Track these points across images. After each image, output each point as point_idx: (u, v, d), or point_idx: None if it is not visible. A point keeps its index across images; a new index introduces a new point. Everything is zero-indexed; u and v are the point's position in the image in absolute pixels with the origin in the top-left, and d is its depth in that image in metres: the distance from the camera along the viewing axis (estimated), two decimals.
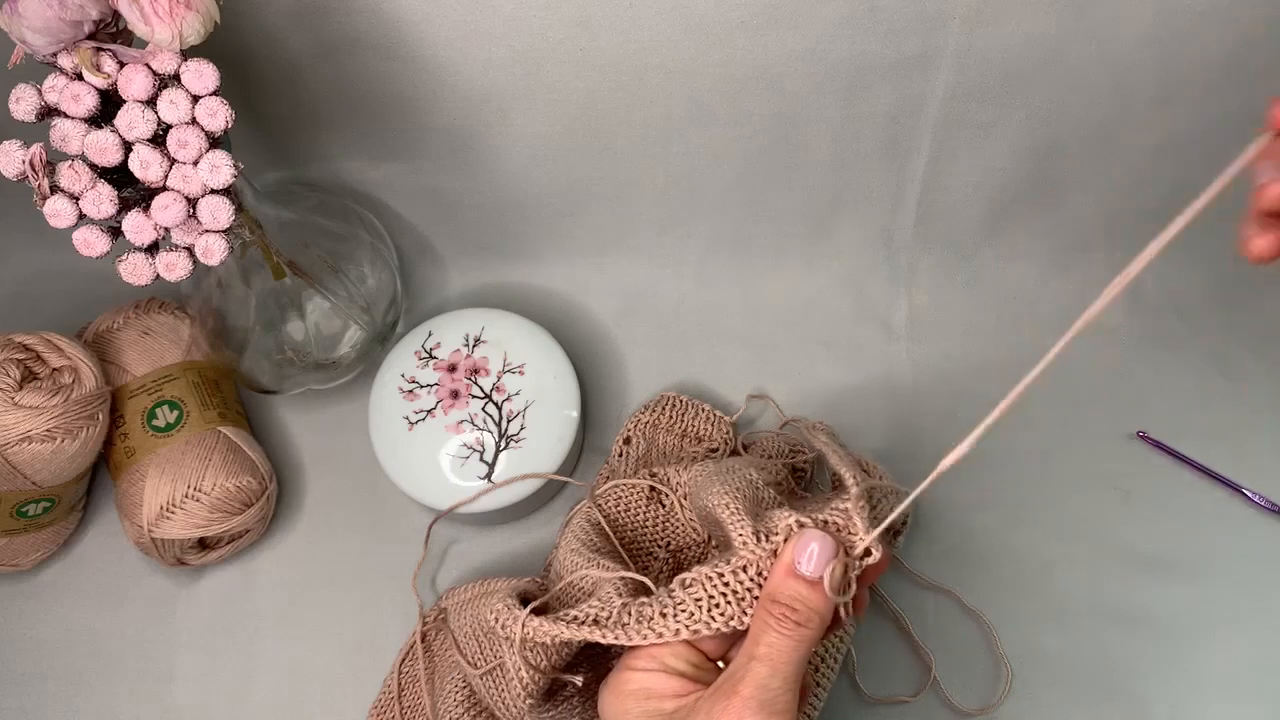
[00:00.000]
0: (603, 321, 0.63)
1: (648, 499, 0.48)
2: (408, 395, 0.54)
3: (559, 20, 0.47)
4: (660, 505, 0.48)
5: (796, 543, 0.33)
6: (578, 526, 0.47)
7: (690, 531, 0.48)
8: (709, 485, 0.41)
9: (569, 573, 0.43)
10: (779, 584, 0.33)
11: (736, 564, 0.34)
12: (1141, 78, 0.51)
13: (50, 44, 0.37)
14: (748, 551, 0.34)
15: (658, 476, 0.48)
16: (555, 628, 0.36)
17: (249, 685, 0.53)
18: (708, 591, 0.34)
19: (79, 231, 0.40)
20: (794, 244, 0.62)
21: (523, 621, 0.37)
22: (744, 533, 0.35)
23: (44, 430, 0.49)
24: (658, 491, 0.48)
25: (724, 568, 0.35)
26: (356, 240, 0.57)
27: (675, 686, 0.33)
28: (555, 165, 0.57)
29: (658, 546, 0.48)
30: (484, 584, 0.50)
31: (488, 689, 0.47)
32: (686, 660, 0.34)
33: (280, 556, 0.57)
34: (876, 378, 0.61)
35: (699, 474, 0.46)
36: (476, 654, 0.47)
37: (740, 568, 0.34)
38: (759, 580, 0.34)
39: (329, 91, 0.53)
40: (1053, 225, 0.61)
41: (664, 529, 0.49)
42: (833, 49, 0.49)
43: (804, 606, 0.32)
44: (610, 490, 0.49)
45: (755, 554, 0.34)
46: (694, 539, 0.48)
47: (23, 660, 0.54)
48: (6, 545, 0.53)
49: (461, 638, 0.48)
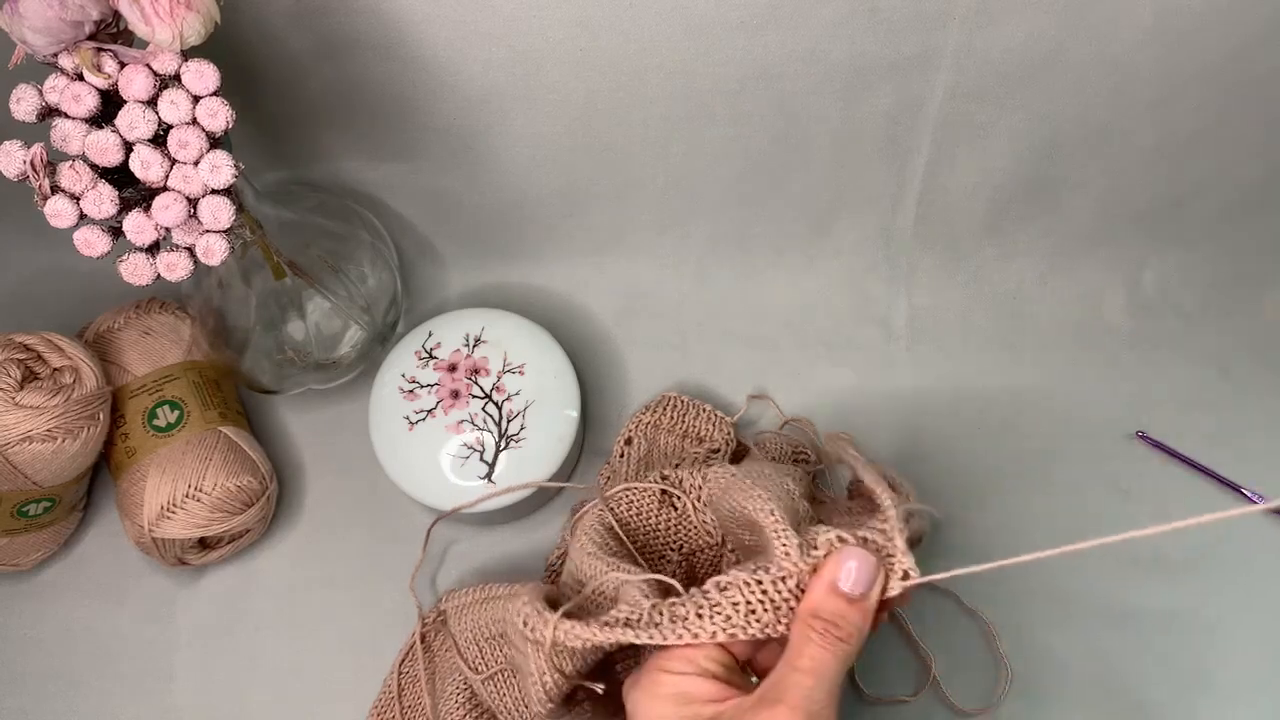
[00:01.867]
0: (603, 321, 0.63)
1: (659, 502, 0.48)
2: (408, 395, 0.54)
3: (559, 20, 0.47)
4: (672, 508, 0.48)
5: (839, 559, 0.34)
6: (590, 529, 0.46)
7: (704, 535, 0.48)
8: (746, 490, 0.41)
9: (589, 578, 0.42)
10: (821, 600, 0.34)
11: (777, 574, 0.35)
12: (1141, 78, 0.51)
13: (51, 44, 0.37)
14: (790, 563, 0.35)
15: (669, 479, 0.48)
16: (588, 631, 0.36)
17: (249, 685, 0.53)
18: (744, 596, 0.35)
19: (80, 231, 0.40)
20: (794, 244, 0.62)
21: (554, 624, 0.37)
22: (788, 544, 0.35)
23: (45, 430, 0.49)
24: (669, 495, 0.48)
25: (763, 575, 0.35)
26: (356, 240, 0.57)
27: (711, 690, 0.33)
28: (555, 165, 0.57)
29: (670, 550, 0.48)
30: (484, 589, 0.50)
31: (490, 694, 0.47)
32: (719, 662, 0.34)
33: (280, 556, 0.57)
34: (876, 378, 0.61)
35: (724, 476, 0.45)
36: (478, 659, 0.47)
37: (780, 578, 0.35)
38: (797, 592, 0.35)
39: (329, 91, 0.53)
40: (1053, 225, 0.61)
41: (676, 532, 0.48)
42: (832, 49, 0.49)
43: (845, 623, 0.33)
44: (621, 493, 0.49)
45: (798, 567, 0.35)
46: (707, 542, 0.48)
47: (23, 660, 0.54)
48: (7, 545, 0.53)
49: (463, 642, 0.48)
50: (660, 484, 0.48)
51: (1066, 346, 0.62)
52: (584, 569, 0.43)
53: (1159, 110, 0.53)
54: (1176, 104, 0.52)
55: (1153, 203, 0.59)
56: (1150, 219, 0.61)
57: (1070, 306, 0.63)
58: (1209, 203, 0.59)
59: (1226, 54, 0.50)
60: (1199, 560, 0.55)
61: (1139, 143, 0.55)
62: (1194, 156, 0.56)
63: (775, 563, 0.35)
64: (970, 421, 0.59)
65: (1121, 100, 0.52)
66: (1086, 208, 0.60)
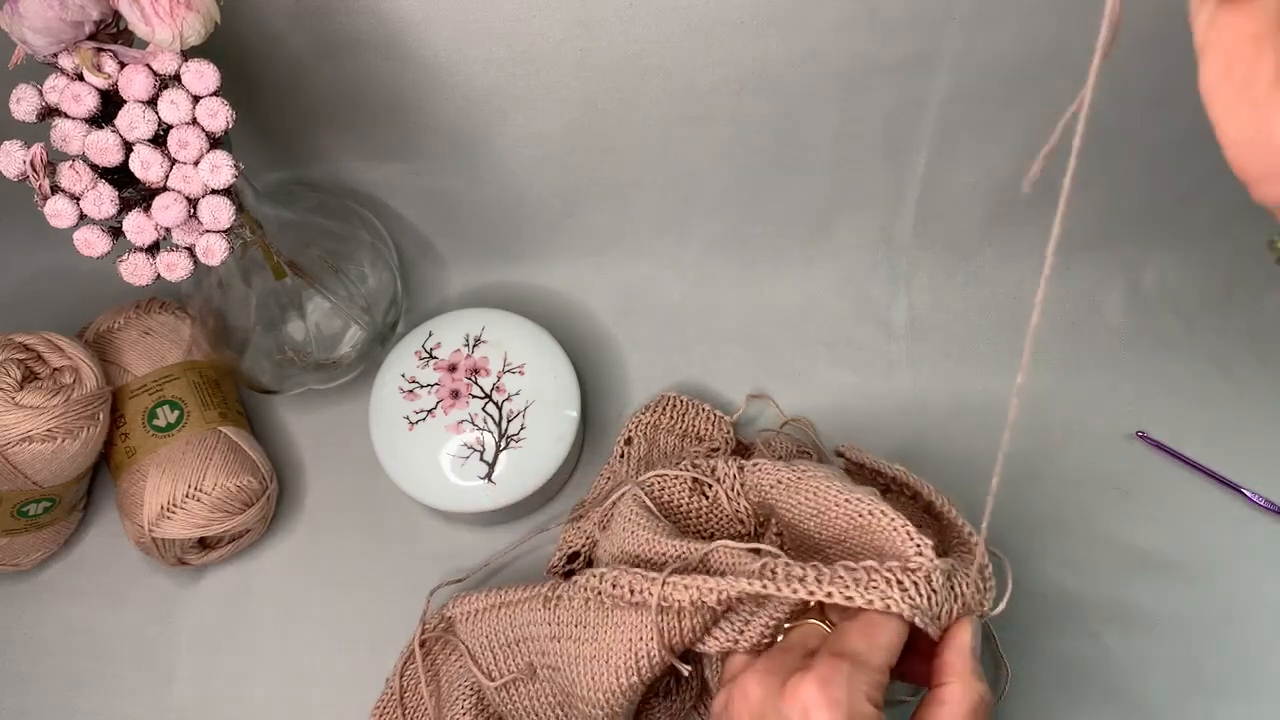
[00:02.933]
0: (603, 321, 0.63)
1: (690, 490, 0.48)
2: (408, 395, 0.54)
3: (559, 20, 0.47)
4: (703, 496, 0.48)
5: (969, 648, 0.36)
6: (632, 512, 0.46)
7: (736, 524, 0.47)
8: (848, 489, 0.41)
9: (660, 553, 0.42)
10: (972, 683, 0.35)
11: (920, 574, 0.36)
12: (1141, 78, 0.51)
13: (51, 44, 0.37)
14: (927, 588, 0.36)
15: (700, 468, 0.48)
16: (704, 581, 0.36)
17: (249, 685, 0.53)
18: (870, 577, 0.35)
19: (80, 231, 0.40)
20: (794, 244, 0.62)
21: (663, 581, 0.37)
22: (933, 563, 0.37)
23: (45, 430, 0.49)
24: (700, 483, 0.48)
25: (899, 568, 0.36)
26: (356, 240, 0.57)
27: None
28: (555, 165, 0.57)
29: (701, 537, 0.48)
30: (496, 594, 0.49)
31: (504, 701, 0.46)
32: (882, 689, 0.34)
33: (280, 556, 0.57)
34: (876, 378, 0.61)
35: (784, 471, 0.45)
36: (492, 665, 0.47)
37: (924, 577, 0.36)
38: (920, 590, 0.35)
39: (329, 91, 0.53)
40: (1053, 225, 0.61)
41: (707, 520, 0.48)
42: (832, 50, 0.49)
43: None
44: (654, 479, 0.48)
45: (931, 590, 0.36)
46: (739, 531, 0.48)
47: (23, 660, 0.54)
48: (7, 545, 0.53)
49: (476, 649, 0.48)
50: (692, 471, 0.47)
51: (1066, 346, 0.62)
52: (649, 547, 0.43)
53: (1159, 110, 0.53)
54: (1176, 104, 0.52)
55: (1153, 203, 0.59)
56: (1150, 219, 0.61)
57: (1070, 306, 0.63)
58: (1209, 203, 0.59)
59: None
60: (1200, 560, 0.55)
61: (1139, 143, 0.55)
62: (1194, 156, 0.56)
63: (906, 560, 0.36)
64: (970, 421, 0.59)
65: (1121, 100, 0.52)
66: (1086, 208, 0.60)
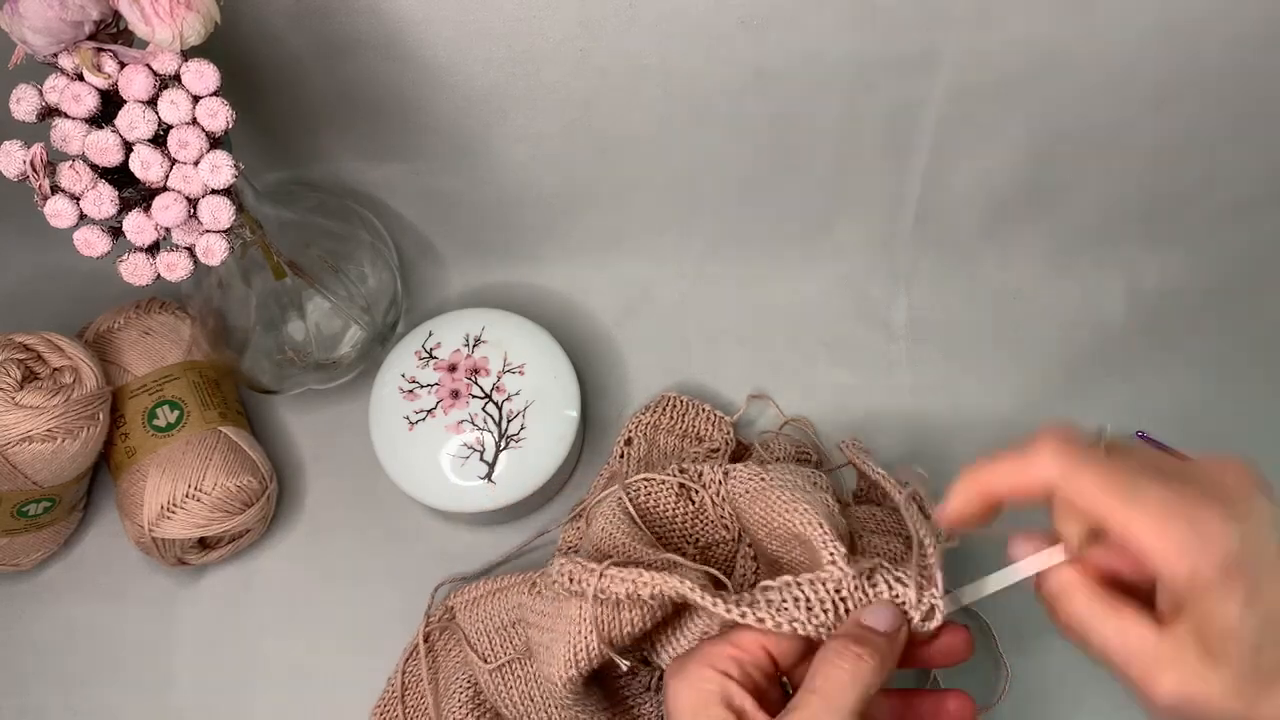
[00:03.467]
0: (603, 321, 0.63)
1: (677, 494, 0.48)
2: (408, 395, 0.54)
3: (559, 20, 0.47)
4: (690, 501, 0.48)
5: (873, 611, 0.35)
6: (612, 515, 0.46)
7: (720, 529, 0.48)
8: (787, 502, 0.41)
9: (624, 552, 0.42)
10: (849, 627, 0.34)
11: (833, 587, 0.35)
12: (1141, 78, 0.51)
13: (51, 44, 0.37)
14: (848, 593, 0.36)
15: (687, 473, 0.48)
16: (633, 573, 0.36)
17: (249, 685, 0.54)
18: (803, 594, 0.35)
19: (80, 231, 0.40)
20: (794, 244, 0.62)
21: (600, 572, 0.37)
22: (836, 554, 0.36)
23: (44, 430, 0.49)
24: (687, 488, 0.48)
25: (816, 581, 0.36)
26: (356, 240, 0.57)
27: (748, 705, 0.33)
28: (555, 165, 0.57)
29: (686, 542, 0.48)
30: (495, 581, 0.50)
31: (496, 685, 0.47)
32: (764, 672, 0.34)
33: (280, 556, 0.57)
34: (876, 378, 0.61)
35: (752, 479, 0.45)
36: (488, 649, 0.47)
37: (832, 589, 0.35)
38: (824, 606, 0.35)
39: (329, 91, 0.53)
40: (1052, 225, 0.61)
41: (693, 525, 0.48)
42: (833, 49, 0.49)
43: (868, 641, 0.33)
44: (640, 482, 0.49)
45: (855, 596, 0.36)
46: (724, 536, 0.48)
47: (23, 660, 0.54)
48: (7, 545, 0.53)
49: (473, 634, 0.48)
50: (679, 477, 0.48)
51: (1066, 346, 0.62)
52: (621, 552, 0.43)
53: (1159, 110, 0.53)
54: (1176, 104, 0.52)
55: (1153, 203, 0.59)
56: (1150, 219, 0.61)
57: (1070, 306, 0.63)
58: (1209, 203, 0.59)
59: (1226, 54, 0.49)
60: None
61: (1139, 143, 0.55)
62: (1194, 156, 0.56)
63: (825, 573, 0.36)
64: (970, 422, 0.59)
65: (1121, 100, 0.52)
66: (1086, 208, 0.60)
